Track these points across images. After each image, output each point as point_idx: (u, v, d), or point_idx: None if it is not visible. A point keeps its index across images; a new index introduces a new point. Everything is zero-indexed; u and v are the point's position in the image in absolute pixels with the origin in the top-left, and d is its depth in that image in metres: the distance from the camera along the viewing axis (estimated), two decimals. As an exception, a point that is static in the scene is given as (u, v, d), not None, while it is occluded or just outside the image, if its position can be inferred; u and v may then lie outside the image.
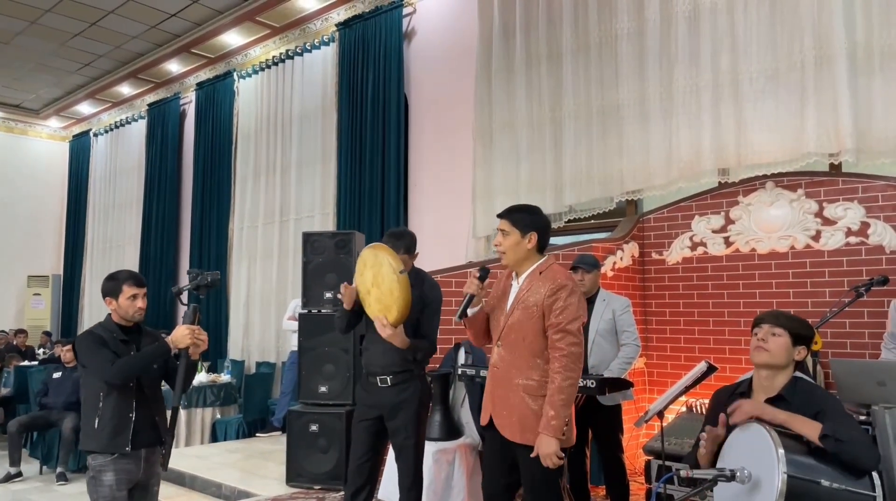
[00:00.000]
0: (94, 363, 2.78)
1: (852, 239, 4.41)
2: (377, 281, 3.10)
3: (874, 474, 2.04)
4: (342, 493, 3.40)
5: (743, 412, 2.23)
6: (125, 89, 10.98)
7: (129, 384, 2.79)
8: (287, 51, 8.54)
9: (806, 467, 2.01)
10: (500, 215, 2.81)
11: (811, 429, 2.09)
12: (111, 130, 11.93)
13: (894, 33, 4.23)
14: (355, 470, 3.29)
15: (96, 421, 2.77)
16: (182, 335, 2.79)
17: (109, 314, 2.95)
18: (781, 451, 1.97)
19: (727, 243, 4.91)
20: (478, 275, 2.79)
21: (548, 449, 2.53)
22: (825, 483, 1.97)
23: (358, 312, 3.33)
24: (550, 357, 2.63)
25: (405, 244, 3.34)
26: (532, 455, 2.58)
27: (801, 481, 1.96)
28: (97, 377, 2.79)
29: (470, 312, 2.84)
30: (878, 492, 2.00)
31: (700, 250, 5.04)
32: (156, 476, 2.96)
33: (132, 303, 2.89)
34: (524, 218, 2.76)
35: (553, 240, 6.10)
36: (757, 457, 2.05)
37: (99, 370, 2.76)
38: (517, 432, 2.67)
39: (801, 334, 2.34)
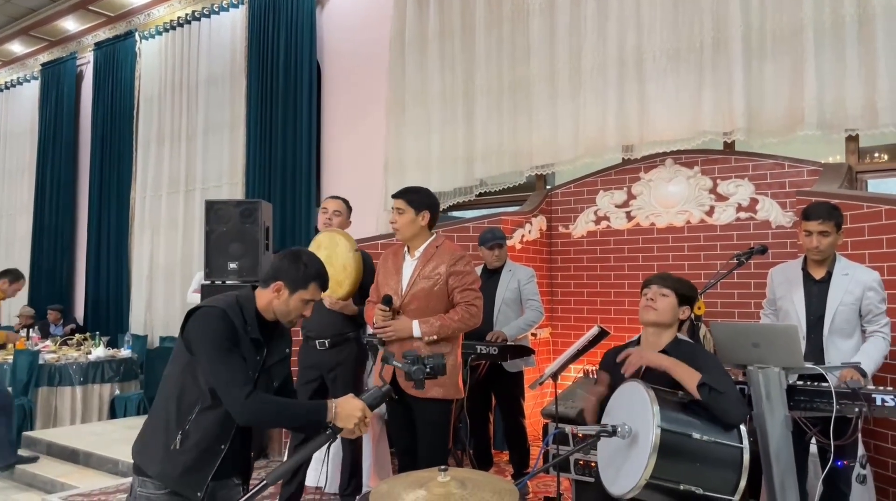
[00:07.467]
0: (220, 373, 1.94)
1: (742, 214, 4.65)
2: (330, 260, 3.21)
3: (741, 427, 2.19)
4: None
5: (632, 364, 2.39)
6: (16, 47, 10.25)
7: None
8: (193, 12, 8.15)
9: (679, 421, 2.13)
10: (394, 196, 3.05)
11: (690, 376, 2.25)
12: (1, 90, 11.10)
13: (786, 19, 4.45)
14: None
15: (178, 440, 1.99)
16: (353, 415, 1.95)
17: (254, 290, 2.12)
18: (657, 407, 2.09)
19: (629, 217, 5.09)
20: (385, 308, 2.97)
21: (401, 326, 2.91)
22: (696, 435, 2.11)
23: None
24: (456, 308, 2.95)
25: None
26: (389, 331, 2.92)
27: (673, 434, 2.08)
28: (209, 386, 1.98)
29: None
30: (745, 444, 2.15)
31: (604, 224, 5.20)
32: None
33: (301, 308, 2.11)
34: (418, 198, 3.01)
35: (463, 213, 6.18)
36: (636, 413, 2.16)
37: (223, 388, 1.94)
38: (427, 387, 2.84)
39: (685, 294, 2.54)
